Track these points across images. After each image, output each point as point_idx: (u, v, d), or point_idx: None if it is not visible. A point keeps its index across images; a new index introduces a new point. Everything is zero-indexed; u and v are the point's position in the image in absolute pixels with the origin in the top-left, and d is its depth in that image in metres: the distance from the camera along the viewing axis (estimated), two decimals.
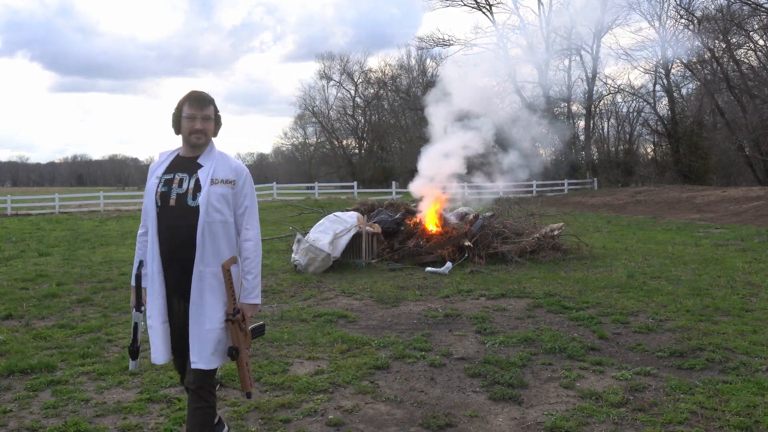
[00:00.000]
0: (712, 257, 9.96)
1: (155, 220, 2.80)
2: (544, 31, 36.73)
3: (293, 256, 9.09)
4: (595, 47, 35.41)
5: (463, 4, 38.38)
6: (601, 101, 37.82)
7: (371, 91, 52.02)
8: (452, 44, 39.70)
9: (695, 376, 4.35)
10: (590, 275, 8.34)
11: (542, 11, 37.28)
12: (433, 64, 45.66)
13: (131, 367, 3.04)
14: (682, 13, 31.10)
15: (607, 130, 40.42)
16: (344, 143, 54.74)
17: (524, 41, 37.65)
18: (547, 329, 5.58)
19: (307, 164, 56.65)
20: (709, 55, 29.72)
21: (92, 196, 29.48)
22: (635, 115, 37.91)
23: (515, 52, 37.92)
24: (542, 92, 34.23)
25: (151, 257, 2.83)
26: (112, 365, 4.64)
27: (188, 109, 2.83)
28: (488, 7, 38.10)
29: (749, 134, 27.82)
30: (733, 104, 29.88)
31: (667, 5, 32.77)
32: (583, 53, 35.74)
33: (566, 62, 37.25)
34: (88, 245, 12.72)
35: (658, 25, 33.21)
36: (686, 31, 31.55)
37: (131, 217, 22.05)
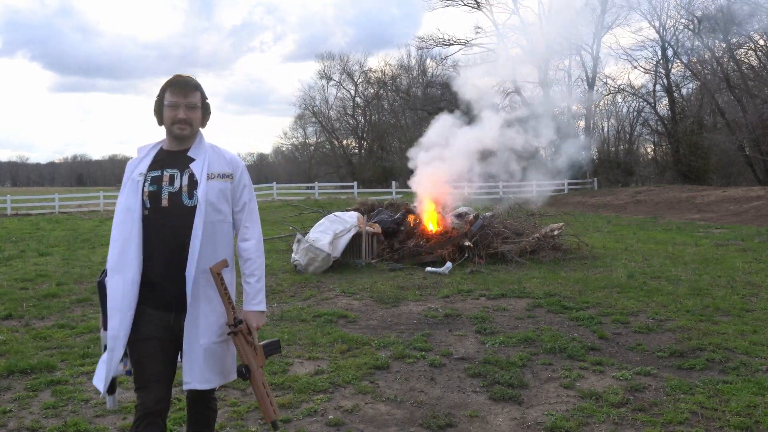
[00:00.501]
0: (712, 257, 9.96)
1: (140, 224, 2.43)
2: (544, 31, 36.75)
3: (293, 256, 9.09)
4: (595, 47, 35.43)
5: (463, 4, 38.38)
6: (601, 101, 37.81)
7: (371, 91, 52.04)
8: (452, 44, 39.69)
9: (695, 376, 4.35)
10: (590, 275, 8.34)
11: (542, 11, 37.31)
12: (433, 64, 45.70)
13: (109, 405, 2.65)
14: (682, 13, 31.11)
15: (607, 130, 40.43)
16: (344, 143, 54.76)
17: (524, 41, 37.67)
18: (547, 329, 5.58)
19: (307, 164, 56.64)
20: (709, 55, 29.72)
21: (92, 196, 29.49)
22: (635, 115, 37.91)
23: (515, 52, 37.93)
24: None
25: (118, 265, 2.43)
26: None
27: (170, 96, 2.48)
28: (488, 7, 38.10)
29: (749, 134, 27.82)
30: (733, 104, 29.88)
31: (667, 5, 32.79)
32: (583, 53, 35.75)
33: (566, 62, 37.26)
34: (88, 245, 12.71)
35: (658, 25, 33.23)
36: (686, 30, 31.58)
37: None
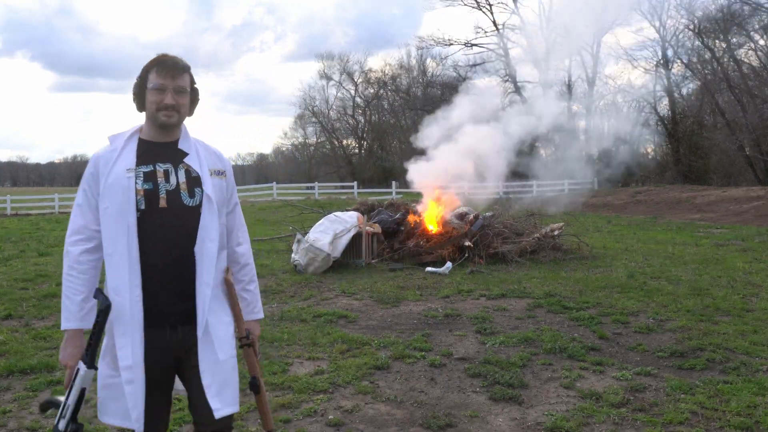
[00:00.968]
0: (712, 257, 9.96)
1: (135, 230, 2.07)
2: (544, 30, 36.77)
3: (293, 256, 9.09)
4: (595, 47, 35.43)
5: (463, 3, 38.40)
6: (601, 101, 37.81)
7: (371, 91, 52.03)
8: (452, 44, 39.71)
9: (695, 376, 4.35)
10: (590, 275, 8.34)
11: (542, 11, 37.32)
12: (433, 64, 45.69)
13: None
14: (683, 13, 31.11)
15: (607, 130, 40.40)
16: (344, 143, 54.76)
17: (524, 41, 37.68)
18: (547, 329, 5.58)
19: (307, 164, 56.64)
20: (709, 55, 29.72)
21: None
22: (635, 115, 37.89)
23: (515, 51, 37.96)
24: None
25: (121, 283, 2.07)
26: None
27: (156, 77, 2.14)
28: (488, 6, 38.13)
29: (749, 134, 27.82)
30: (733, 104, 29.87)
31: (667, 5, 32.78)
32: (583, 53, 35.75)
33: (566, 62, 37.26)
34: None
35: (658, 25, 33.23)
36: (686, 30, 31.58)
37: None
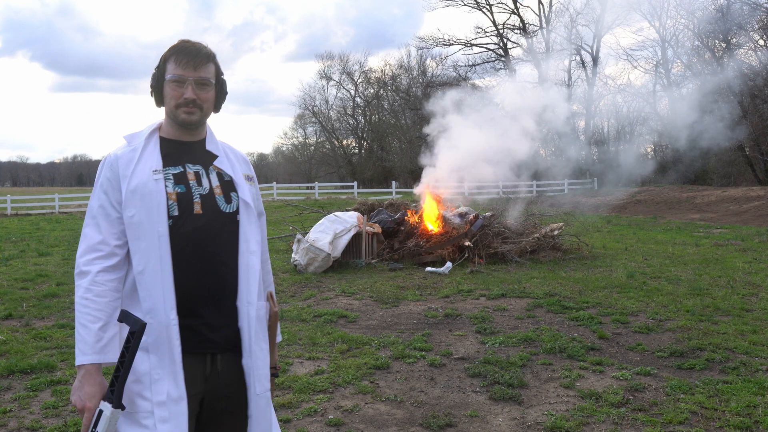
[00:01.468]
0: (712, 257, 9.96)
1: (168, 242, 1.75)
2: (544, 31, 36.79)
3: (293, 256, 9.10)
4: (595, 47, 35.45)
5: (463, 3, 38.41)
6: (601, 101, 37.82)
7: (371, 91, 52.06)
8: (452, 44, 39.72)
9: (695, 376, 4.35)
10: (590, 275, 8.35)
11: (542, 11, 37.34)
12: (433, 64, 45.70)
13: None
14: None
15: (607, 130, 40.43)
16: (344, 143, 54.77)
17: (524, 41, 37.71)
18: (547, 329, 5.58)
19: (307, 164, 56.66)
20: (709, 55, 29.71)
21: None
22: (635, 115, 37.90)
23: (515, 52, 37.97)
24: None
25: (156, 304, 1.74)
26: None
27: (175, 68, 1.84)
28: (488, 6, 38.15)
29: (749, 134, 27.82)
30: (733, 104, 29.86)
31: (667, 5, 32.79)
32: (583, 53, 35.77)
33: (566, 62, 37.28)
34: None
35: (658, 25, 33.24)
36: (686, 30, 31.58)
37: None
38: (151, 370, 1.73)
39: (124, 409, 1.70)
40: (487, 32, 39.51)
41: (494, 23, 38.97)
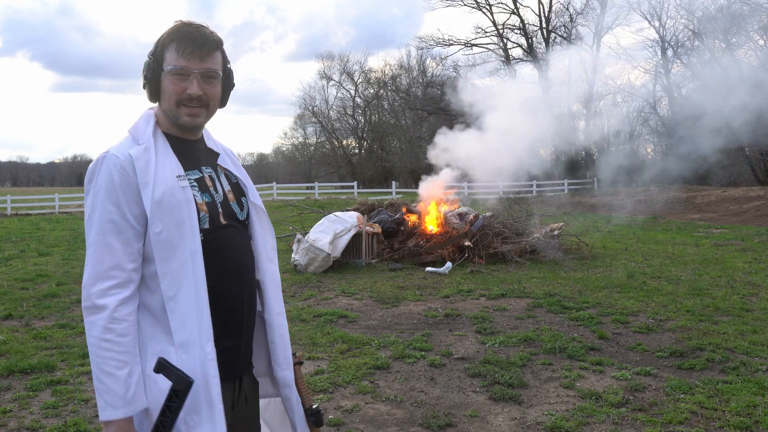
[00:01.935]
0: (712, 257, 9.96)
1: (201, 258, 1.52)
2: (543, 31, 36.81)
3: (293, 256, 9.10)
4: (595, 47, 35.45)
5: (463, 4, 38.40)
6: (601, 101, 37.83)
7: (371, 91, 52.06)
8: (452, 44, 39.72)
9: (695, 376, 4.35)
10: (590, 275, 8.35)
11: (542, 11, 37.36)
12: (433, 64, 45.71)
13: None
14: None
15: (607, 130, 40.43)
16: (344, 143, 54.77)
17: (524, 41, 37.73)
18: (547, 329, 5.58)
19: (307, 164, 56.66)
20: (709, 55, 29.71)
21: None
22: (635, 115, 37.92)
23: (515, 52, 38.00)
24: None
25: (190, 336, 1.49)
26: None
27: (176, 56, 1.55)
28: (488, 7, 38.15)
29: (750, 134, 27.81)
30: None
31: (667, 5, 32.80)
32: (583, 53, 35.76)
33: (566, 62, 37.27)
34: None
35: (658, 25, 33.25)
36: (686, 30, 31.59)
37: None
38: (185, 416, 1.47)
39: None
40: (487, 32, 39.51)
41: (494, 23, 38.96)
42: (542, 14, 37.43)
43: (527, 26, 37.77)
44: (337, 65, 52.90)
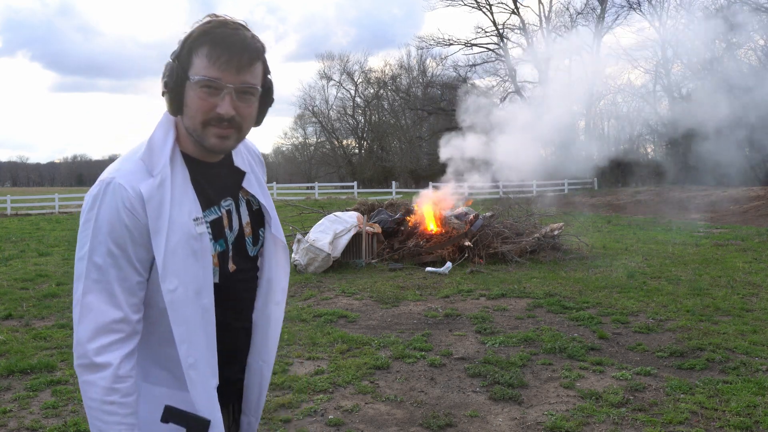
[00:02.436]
0: (712, 257, 9.96)
1: (213, 315, 1.36)
2: (544, 30, 36.83)
3: (293, 255, 9.09)
4: (595, 47, 35.44)
5: (463, 3, 38.42)
6: (601, 101, 37.83)
7: (371, 91, 52.07)
8: (452, 44, 39.73)
9: (695, 376, 4.35)
10: (590, 275, 8.35)
11: (542, 11, 37.37)
12: (433, 63, 45.72)
13: None
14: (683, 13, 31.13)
15: (607, 130, 40.43)
16: (344, 143, 54.79)
17: (524, 41, 37.74)
18: (547, 329, 5.58)
19: (307, 164, 56.67)
20: (709, 55, 29.71)
21: None
22: (635, 115, 37.90)
23: (515, 52, 38.01)
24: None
25: (200, 399, 1.35)
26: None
27: (208, 65, 1.26)
28: (488, 6, 38.16)
29: (750, 134, 27.80)
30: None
31: (667, 5, 32.80)
32: (583, 53, 35.75)
33: (566, 62, 37.29)
34: None
35: (658, 25, 33.25)
36: (686, 30, 31.58)
37: None
38: None
39: None
40: (487, 32, 39.53)
41: (494, 23, 38.98)
42: (542, 14, 37.47)
43: (527, 26, 37.80)
44: (337, 65, 52.94)
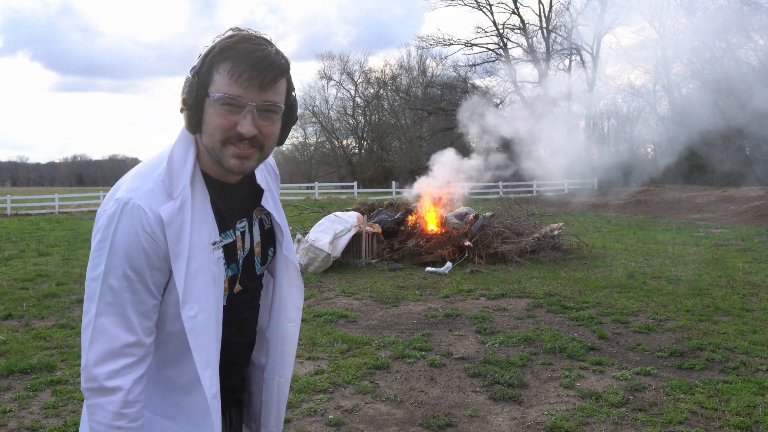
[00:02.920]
0: (712, 257, 9.96)
1: (219, 338, 1.34)
2: (544, 31, 36.84)
3: None
4: (595, 47, 35.46)
5: (463, 3, 38.43)
6: (601, 101, 37.84)
7: (371, 91, 52.07)
8: (452, 44, 39.75)
9: (695, 376, 4.35)
10: (590, 275, 8.35)
11: (542, 11, 37.39)
12: (433, 63, 45.73)
13: None
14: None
15: (607, 130, 40.44)
16: (344, 143, 54.78)
17: (524, 41, 37.76)
18: (547, 329, 5.58)
19: (307, 164, 56.65)
20: (708, 55, 29.72)
21: (92, 196, 29.46)
22: (635, 115, 37.92)
23: (515, 52, 38.02)
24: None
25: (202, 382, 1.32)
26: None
27: (229, 82, 1.21)
28: (488, 6, 38.18)
29: (750, 134, 27.82)
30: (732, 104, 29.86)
31: (667, 5, 32.80)
32: (583, 53, 35.78)
33: (566, 62, 37.31)
34: (88, 245, 12.69)
35: (658, 25, 33.25)
36: (686, 30, 31.59)
37: None
38: None
39: None
40: (487, 32, 39.55)
41: (494, 23, 39.05)
42: (542, 14, 37.48)
43: (527, 26, 37.81)
44: (337, 65, 52.92)
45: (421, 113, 43.72)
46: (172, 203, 1.25)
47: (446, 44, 39.91)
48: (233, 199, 1.38)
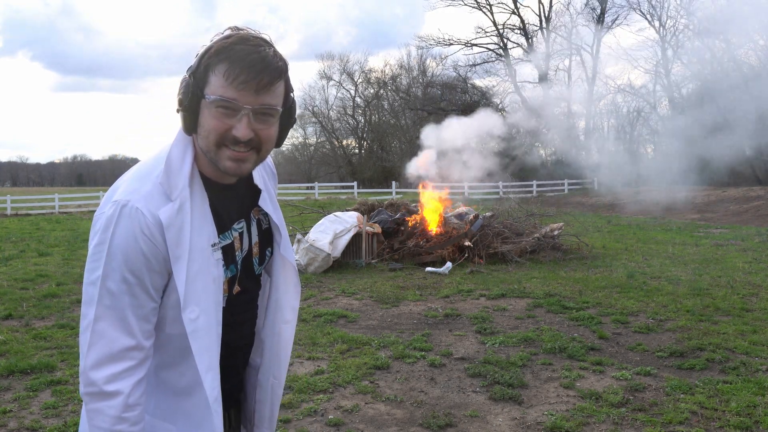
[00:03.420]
0: (712, 257, 9.96)
1: (219, 340, 1.33)
2: (544, 30, 36.86)
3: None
4: (595, 47, 35.47)
5: (463, 3, 38.44)
6: (601, 101, 37.84)
7: (371, 91, 52.06)
8: (452, 44, 39.76)
9: (695, 376, 4.35)
10: (590, 275, 8.35)
11: (542, 11, 37.41)
12: (433, 64, 45.73)
13: None
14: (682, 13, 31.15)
15: (607, 130, 40.44)
16: (344, 143, 54.77)
17: (524, 41, 37.77)
18: (547, 329, 5.58)
19: (307, 164, 56.64)
20: (709, 55, 29.72)
21: (92, 196, 29.46)
22: (635, 115, 37.92)
23: (515, 52, 38.03)
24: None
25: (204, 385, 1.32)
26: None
27: (224, 85, 1.19)
28: (488, 6, 38.19)
29: (750, 134, 27.80)
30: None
31: (667, 5, 32.80)
32: (583, 53, 35.80)
33: (566, 62, 37.32)
34: (87, 245, 12.69)
35: (658, 25, 33.25)
36: (686, 30, 31.58)
37: None
38: None
39: None
40: (487, 32, 39.55)
41: (494, 23, 39.03)
42: (542, 14, 37.50)
43: (527, 26, 37.82)
44: (337, 65, 52.91)
45: (421, 113, 43.71)
46: (171, 205, 1.23)
47: (446, 44, 39.95)
48: (231, 199, 1.37)
